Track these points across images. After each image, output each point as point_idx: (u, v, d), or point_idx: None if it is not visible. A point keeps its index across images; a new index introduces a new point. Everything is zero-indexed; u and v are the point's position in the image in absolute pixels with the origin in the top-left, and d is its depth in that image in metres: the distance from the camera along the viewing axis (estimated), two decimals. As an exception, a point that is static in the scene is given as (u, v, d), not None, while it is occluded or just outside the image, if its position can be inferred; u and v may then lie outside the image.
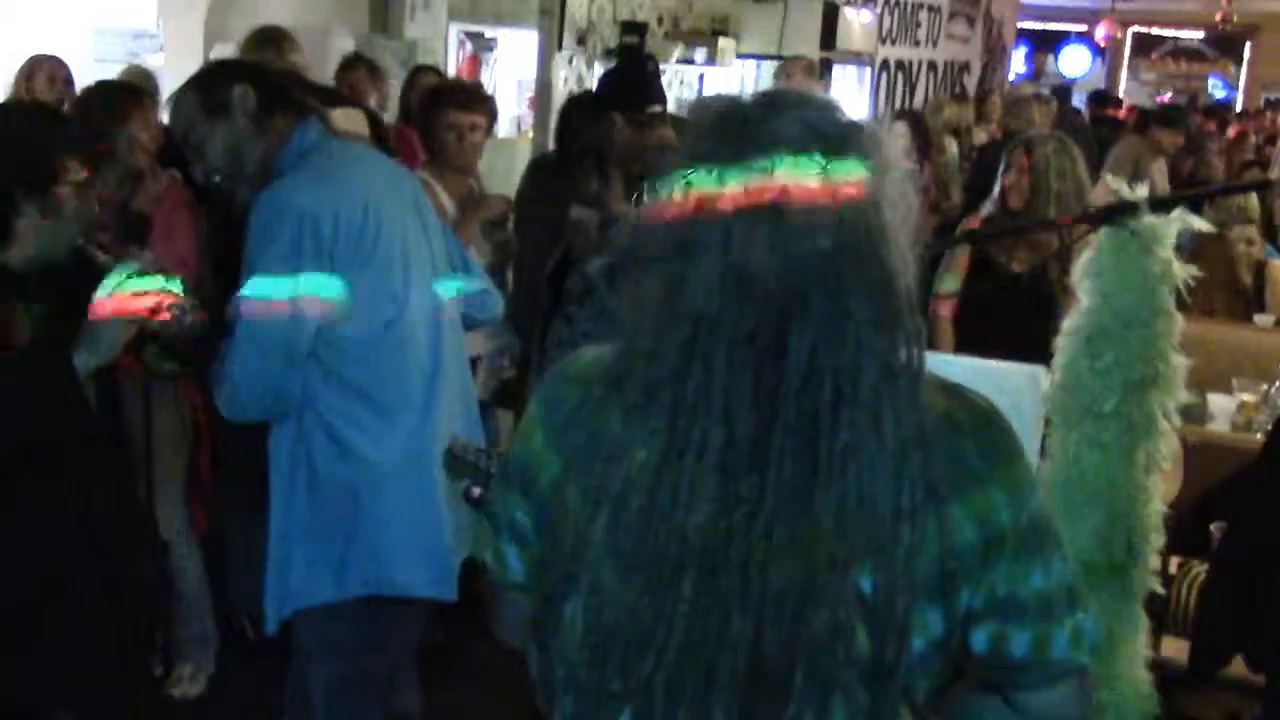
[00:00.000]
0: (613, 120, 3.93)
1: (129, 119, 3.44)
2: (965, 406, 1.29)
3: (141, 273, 2.23)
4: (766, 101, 1.25)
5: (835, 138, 1.21)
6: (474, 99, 4.12)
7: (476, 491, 2.12)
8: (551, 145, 6.71)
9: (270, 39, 4.41)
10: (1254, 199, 5.49)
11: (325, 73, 5.61)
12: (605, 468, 1.25)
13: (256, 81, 2.58)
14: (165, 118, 2.90)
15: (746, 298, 1.18)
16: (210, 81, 2.60)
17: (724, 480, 1.19)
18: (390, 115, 5.43)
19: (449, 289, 2.75)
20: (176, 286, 2.28)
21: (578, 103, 4.92)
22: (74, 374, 2.17)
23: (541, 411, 1.38)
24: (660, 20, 8.01)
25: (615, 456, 1.24)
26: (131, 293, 2.20)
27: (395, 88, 5.73)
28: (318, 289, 2.45)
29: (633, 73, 5.26)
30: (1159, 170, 7.79)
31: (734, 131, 1.22)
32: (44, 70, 4.50)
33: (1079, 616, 1.31)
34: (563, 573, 1.28)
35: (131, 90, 3.71)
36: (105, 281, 2.20)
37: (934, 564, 1.22)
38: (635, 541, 1.22)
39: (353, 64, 5.36)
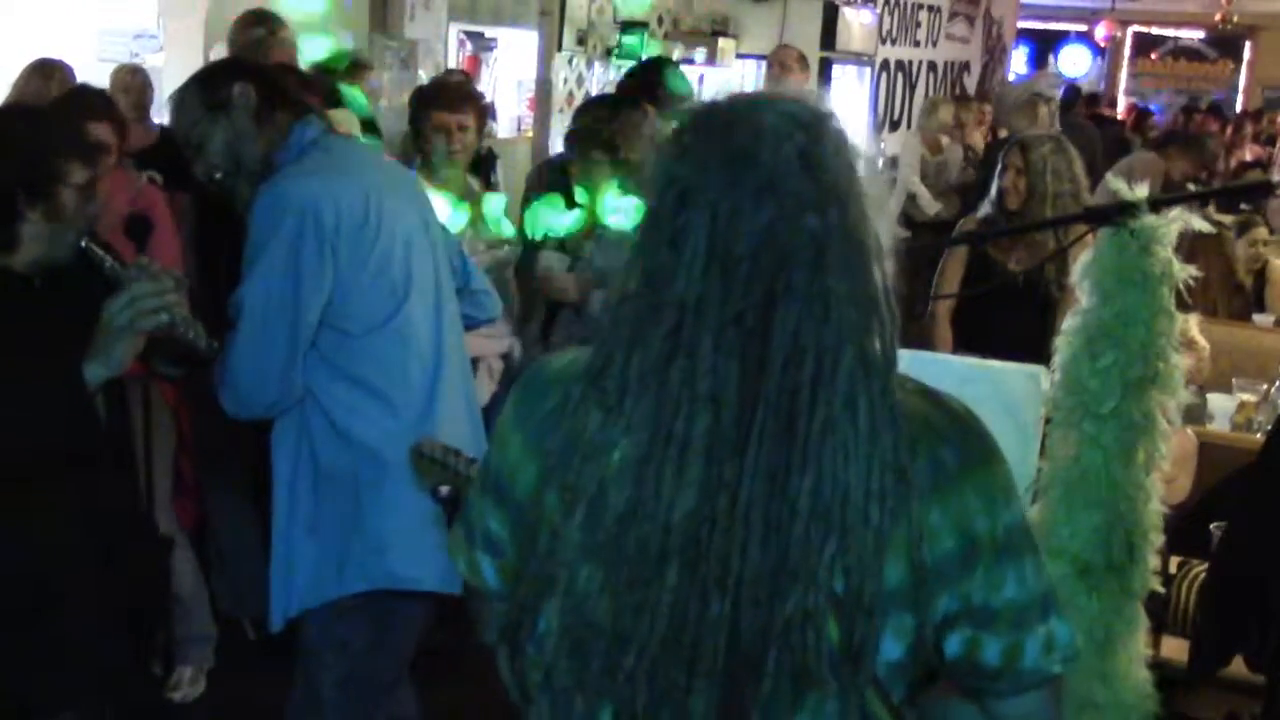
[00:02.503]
0: (646, 112, 3.96)
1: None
2: (942, 411, 1.31)
3: (155, 291, 2.22)
4: (748, 98, 1.30)
5: (813, 125, 1.25)
6: (461, 99, 4.12)
7: (445, 490, 2.12)
8: (555, 145, 6.73)
9: (260, 19, 4.42)
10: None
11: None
12: (582, 466, 1.26)
13: (257, 79, 2.59)
14: (165, 117, 2.91)
15: (733, 279, 1.21)
16: (211, 79, 2.61)
17: (708, 466, 1.21)
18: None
19: (449, 285, 2.76)
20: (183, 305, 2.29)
21: (595, 102, 4.94)
22: (83, 386, 2.17)
23: (518, 416, 1.39)
24: (660, 20, 8.01)
25: (593, 455, 1.25)
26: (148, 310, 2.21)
27: (395, 88, 5.72)
28: (319, 281, 2.46)
29: (657, 68, 5.29)
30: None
31: (719, 122, 1.26)
32: (57, 75, 4.50)
33: (1053, 624, 1.32)
34: (538, 577, 1.29)
35: (86, 98, 3.67)
36: (119, 297, 2.20)
37: (909, 571, 1.24)
38: (615, 538, 1.23)
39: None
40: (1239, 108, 17.48)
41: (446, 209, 3.78)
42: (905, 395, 1.27)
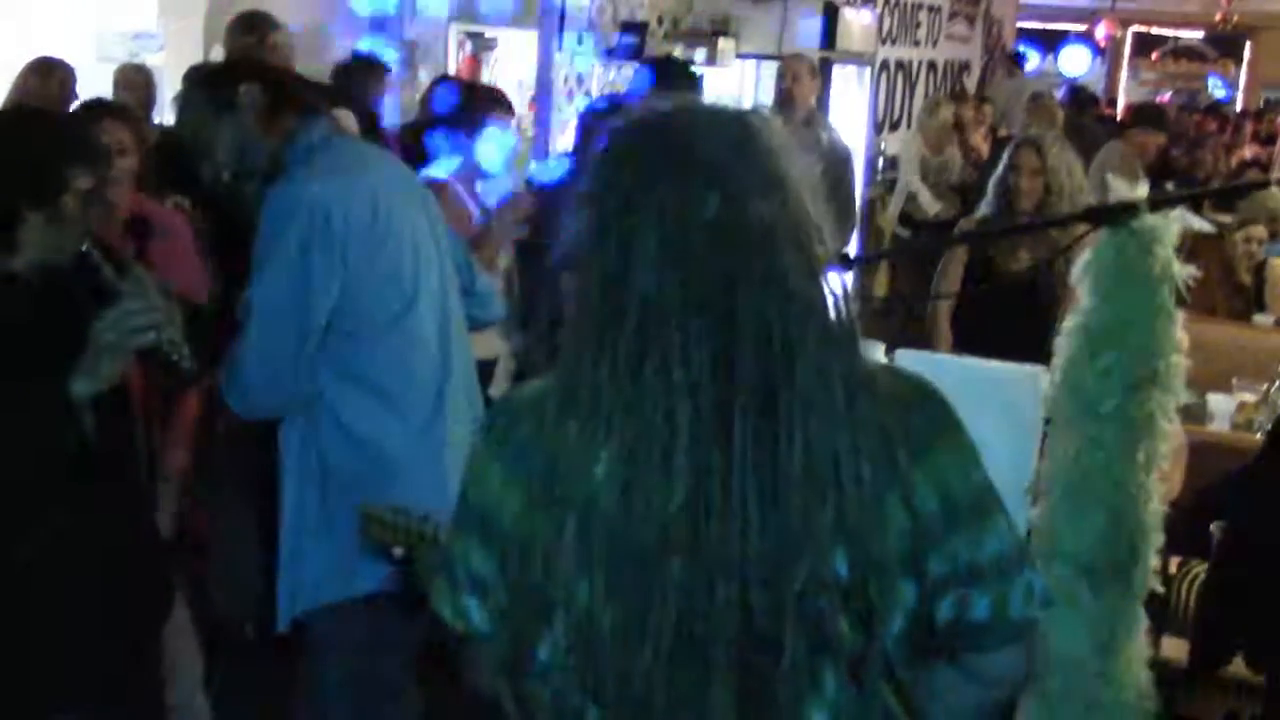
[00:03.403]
0: None
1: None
2: (904, 382, 1.36)
3: (144, 309, 2.21)
4: (676, 104, 1.33)
5: (743, 117, 1.31)
6: None
7: (398, 551, 2.12)
8: (554, 145, 6.74)
9: (252, 25, 4.41)
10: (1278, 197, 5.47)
11: (324, 73, 5.60)
12: (568, 482, 1.27)
13: (263, 79, 2.59)
14: (165, 117, 2.90)
15: (690, 270, 1.23)
16: (217, 80, 2.61)
17: (695, 455, 1.22)
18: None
19: (455, 286, 2.76)
20: (176, 322, 2.28)
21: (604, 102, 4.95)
22: (69, 398, 2.15)
23: (493, 449, 1.38)
24: (660, 20, 8.00)
25: (576, 469, 1.26)
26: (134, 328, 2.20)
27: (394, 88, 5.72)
28: (327, 282, 2.46)
29: (672, 71, 5.30)
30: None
31: (654, 127, 1.30)
32: (57, 75, 4.50)
33: (1028, 573, 1.37)
34: (536, 604, 1.29)
35: (106, 104, 3.66)
36: (109, 313, 2.18)
37: (903, 539, 1.27)
38: (612, 544, 1.24)
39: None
40: (1239, 107, 17.47)
41: None
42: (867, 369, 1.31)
